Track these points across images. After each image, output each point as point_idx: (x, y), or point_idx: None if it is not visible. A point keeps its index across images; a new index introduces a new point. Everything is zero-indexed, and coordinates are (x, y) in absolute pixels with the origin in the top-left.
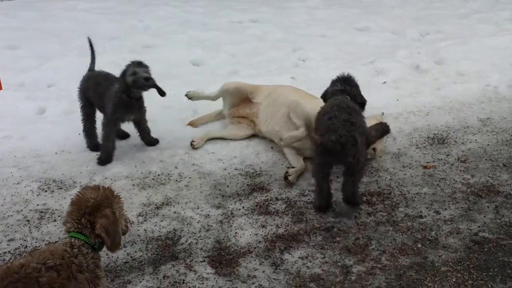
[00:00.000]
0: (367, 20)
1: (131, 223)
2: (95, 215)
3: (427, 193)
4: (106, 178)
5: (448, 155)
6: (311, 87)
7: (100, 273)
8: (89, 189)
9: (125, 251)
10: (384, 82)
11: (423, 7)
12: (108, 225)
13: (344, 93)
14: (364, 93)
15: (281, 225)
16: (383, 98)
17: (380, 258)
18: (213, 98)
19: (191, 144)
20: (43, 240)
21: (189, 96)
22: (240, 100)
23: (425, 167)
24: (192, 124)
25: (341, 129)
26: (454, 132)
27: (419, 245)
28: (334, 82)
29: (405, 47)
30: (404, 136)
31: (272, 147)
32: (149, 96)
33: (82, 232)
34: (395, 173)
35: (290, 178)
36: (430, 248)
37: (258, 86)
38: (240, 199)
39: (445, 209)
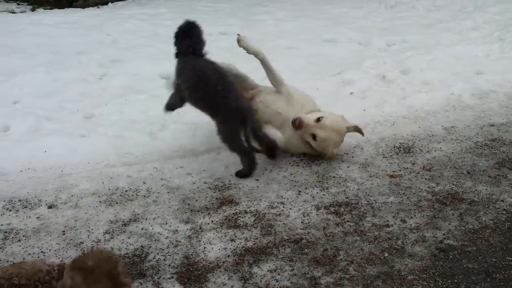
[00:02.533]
0: (334, 32)
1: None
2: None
3: (394, 202)
4: (72, 195)
5: (413, 163)
6: None
7: None
8: (94, 253)
9: None
10: (351, 92)
11: (388, 17)
12: None
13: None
14: (332, 104)
15: (250, 238)
16: (350, 109)
17: (348, 269)
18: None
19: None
20: (7, 261)
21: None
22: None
23: (391, 176)
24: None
25: None
26: (419, 141)
27: (386, 254)
28: None
29: (371, 58)
30: (371, 146)
31: None
32: (117, 111)
33: None
34: (362, 183)
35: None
36: (397, 257)
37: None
38: (209, 213)
39: (411, 217)
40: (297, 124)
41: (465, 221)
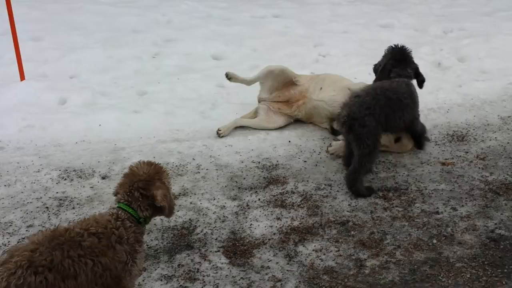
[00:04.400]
0: (389, 17)
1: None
2: (149, 188)
3: (445, 190)
4: (124, 168)
5: (467, 152)
6: None
7: (138, 248)
8: (142, 164)
9: None
10: None
11: (446, 4)
12: (165, 194)
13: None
14: None
15: (296, 218)
16: None
17: (395, 253)
18: (250, 82)
19: (217, 133)
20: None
21: (229, 76)
22: (282, 84)
23: (443, 163)
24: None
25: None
26: (474, 129)
27: (434, 241)
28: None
29: (427, 44)
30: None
31: (290, 141)
32: (169, 89)
33: (130, 205)
34: (413, 169)
35: (329, 149)
36: (445, 244)
37: (299, 74)
38: (256, 192)
39: (462, 205)
40: None
41: None
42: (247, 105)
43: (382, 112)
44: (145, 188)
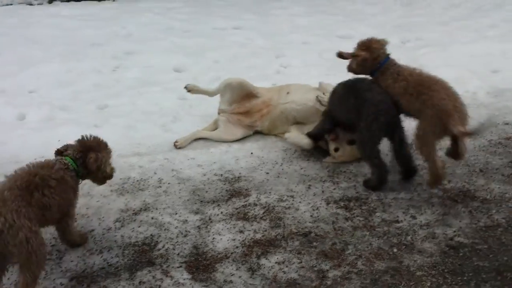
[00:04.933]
0: (348, 28)
1: (114, 172)
2: (88, 152)
3: (404, 198)
4: (84, 184)
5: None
6: None
7: (77, 191)
8: (91, 137)
9: (101, 257)
10: None
11: (403, 14)
12: (95, 161)
13: None
14: None
15: (259, 230)
16: None
17: (356, 263)
18: (211, 93)
19: (174, 145)
20: None
21: (188, 89)
22: (241, 97)
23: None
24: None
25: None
26: None
27: (395, 250)
28: None
29: None
30: (384, 141)
31: (252, 153)
32: (130, 102)
33: (75, 161)
34: None
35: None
36: (406, 253)
37: (257, 86)
38: (218, 205)
39: (421, 214)
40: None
41: (476, 219)
42: (209, 117)
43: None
44: (86, 152)
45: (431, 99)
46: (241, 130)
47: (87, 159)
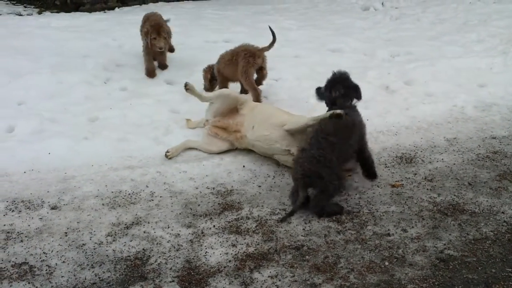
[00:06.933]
0: (339, 41)
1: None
2: None
3: (395, 212)
4: (75, 197)
5: (415, 174)
6: (283, 107)
7: None
8: None
9: (93, 271)
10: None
11: (393, 29)
12: None
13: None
14: None
15: (252, 244)
16: None
17: (349, 276)
18: (203, 99)
19: (166, 155)
20: (9, 261)
21: (187, 87)
22: (228, 110)
23: (393, 185)
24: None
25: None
26: (421, 151)
27: (387, 263)
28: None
29: (375, 68)
30: (373, 155)
31: (244, 166)
32: (121, 114)
33: None
34: (364, 192)
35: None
36: (397, 266)
37: (247, 99)
38: (211, 218)
39: (412, 227)
40: None
41: (465, 231)
42: (201, 129)
43: (333, 156)
44: None
45: None
46: (225, 143)
47: None
